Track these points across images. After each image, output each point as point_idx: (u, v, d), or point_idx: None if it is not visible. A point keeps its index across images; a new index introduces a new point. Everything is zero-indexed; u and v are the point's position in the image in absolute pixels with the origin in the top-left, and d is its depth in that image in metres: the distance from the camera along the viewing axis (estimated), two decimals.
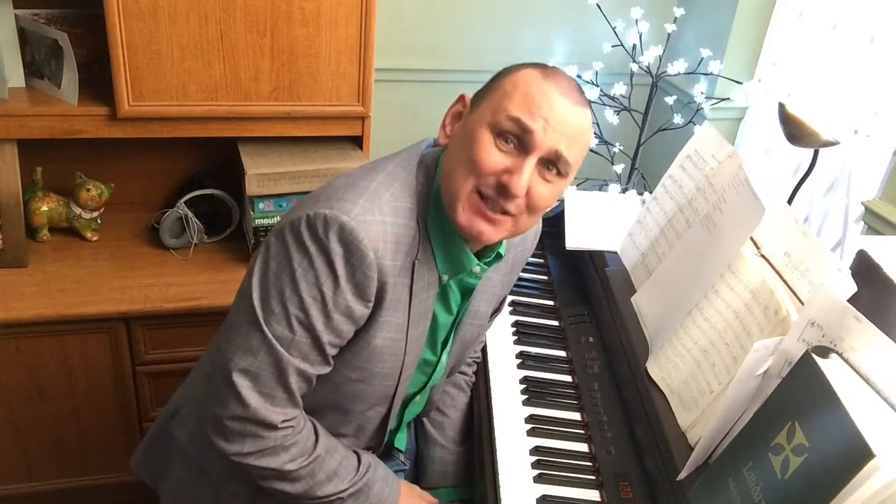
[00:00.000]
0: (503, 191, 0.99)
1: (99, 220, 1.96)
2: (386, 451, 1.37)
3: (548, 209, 1.08)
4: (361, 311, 1.03)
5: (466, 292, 1.19)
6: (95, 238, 1.97)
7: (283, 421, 1.04)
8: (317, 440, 1.11)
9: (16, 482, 1.91)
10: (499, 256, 1.15)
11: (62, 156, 1.93)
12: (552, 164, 1.01)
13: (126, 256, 1.92)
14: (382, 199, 1.03)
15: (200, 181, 2.00)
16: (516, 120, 0.98)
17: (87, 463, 1.94)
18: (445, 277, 1.13)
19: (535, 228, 1.30)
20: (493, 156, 0.99)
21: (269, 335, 1.00)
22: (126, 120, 1.71)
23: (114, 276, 1.84)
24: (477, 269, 1.13)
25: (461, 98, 1.09)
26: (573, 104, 1.01)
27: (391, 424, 1.24)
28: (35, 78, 1.78)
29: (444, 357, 1.24)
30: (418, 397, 1.29)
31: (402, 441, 1.38)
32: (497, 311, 1.34)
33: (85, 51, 1.80)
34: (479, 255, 1.14)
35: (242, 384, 1.01)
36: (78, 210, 1.92)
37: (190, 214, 1.92)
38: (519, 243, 1.27)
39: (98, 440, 1.91)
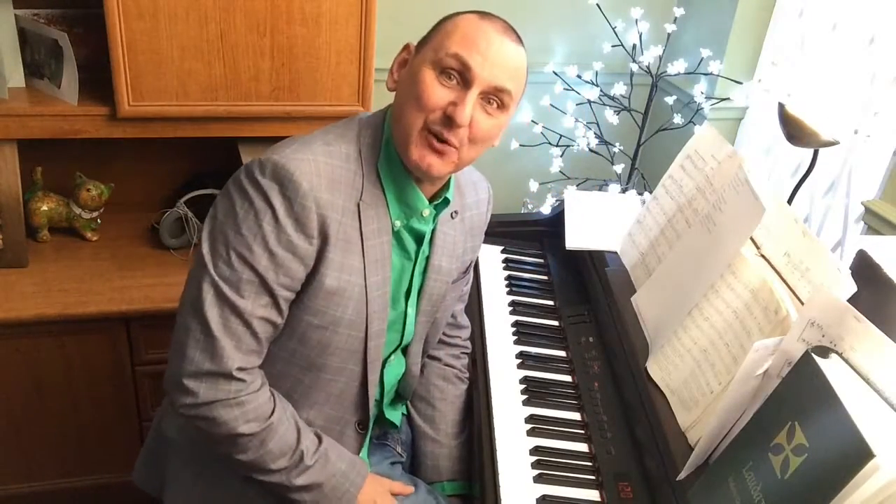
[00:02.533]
0: (449, 122, 1.07)
1: (99, 220, 1.97)
2: (382, 436, 1.38)
3: (489, 143, 1.15)
4: (305, 247, 1.08)
5: (419, 239, 1.23)
6: (95, 238, 1.97)
7: (238, 369, 1.07)
8: (273, 409, 1.12)
9: (16, 482, 1.91)
10: (446, 201, 1.22)
11: (62, 156, 1.93)
12: (493, 97, 1.10)
13: (126, 256, 1.92)
14: (314, 144, 1.11)
15: (200, 181, 2.00)
16: (456, 56, 1.07)
17: (87, 463, 1.94)
18: (398, 223, 1.18)
19: (486, 193, 1.38)
20: (438, 91, 1.08)
21: (217, 277, 1.05)
22: (126, 120, 1.71)
23: (114, 276, 1.84)
24: (427, 211, 1.19)
25: (406, 46, 1.17)
26: (510, 41, 1.11)
27: (373, 391, 1.24)
28: (35, 78, 1.78)
29: (410, 310, 1.26)
30: (393, 357, 1.30)
31: (395, 415, 1.39)
32: (464, 275, 1.39)
33: (85, 51, 1.80)
34: (430, 200, 1.20)
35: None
36: (78, 210, 1.92)
37: (190, 214, 1.92)
38: (473, 206, 1.34)
39: (98, 440, 1.91)
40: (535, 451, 1.23)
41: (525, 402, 1.34)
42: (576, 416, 1.33)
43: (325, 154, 1.10)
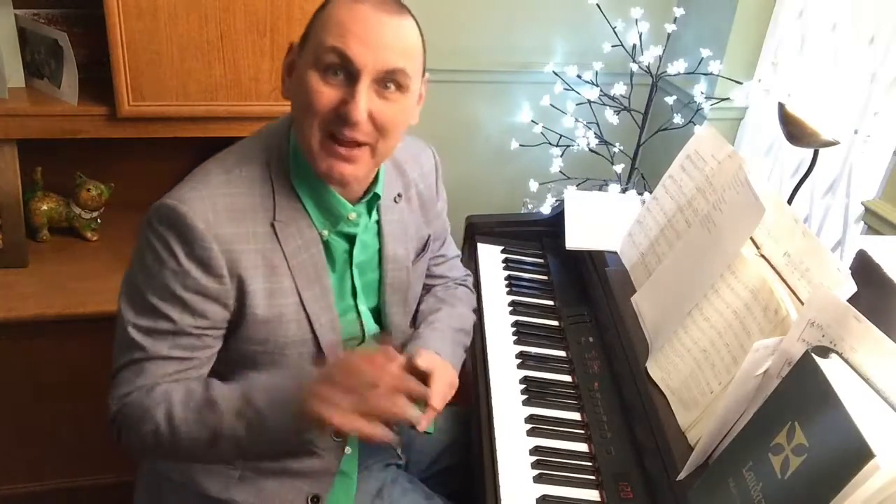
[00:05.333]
0: (344, 120, 0.99)
1: (99, 220, 1.96)
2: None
3: (403, 127, 1.07)
4: (216, 287, 1.04)
5: (350, 240, 1.17)
6: (95, 238, 1.97)
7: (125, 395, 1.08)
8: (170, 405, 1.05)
9: (16, 482, 1.91)
10: (376, 197, 1.15)
11: (62, 156, 1.92)
12: (388, 81, 1.01)
13: (126, 256, 1.88)
14: (210, 176, 1.07)
15: None
16: (333, 49, 0.98)
17: (87, 463, 1.94)
18: (326, 232, 1.12)
19: (430, 161, 1.30)
20: (325, 93, 0.99)
21: (133, 329, 1.05)
22: (126, 120, 1.71)
23: (114, 276, 1.83)
24: (353, 215, 1.13)
25: (290, 47, 1.09)
26: (389, 16, 1.00)
27: None
28: (35, 78, 1.78)
29: (361, 307, 1.22)
30: (360, 348, 1.24)
31: None
32: (424, 252, 1.30)
33: (85, 51, 1.79)
34: (361, 198, 1.14)
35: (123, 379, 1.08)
36: (78, 210, 1.92)
37: None
38: (419, 180, 1.27)
39: (98, 440, 1.91)
40: (535, 451, 1.23)
41: (525, 402, 1.34)
42: (576, 416, 1.33)
43: (223, 185, 1.05)
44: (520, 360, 1.43)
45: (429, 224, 1.31)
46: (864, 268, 1.08)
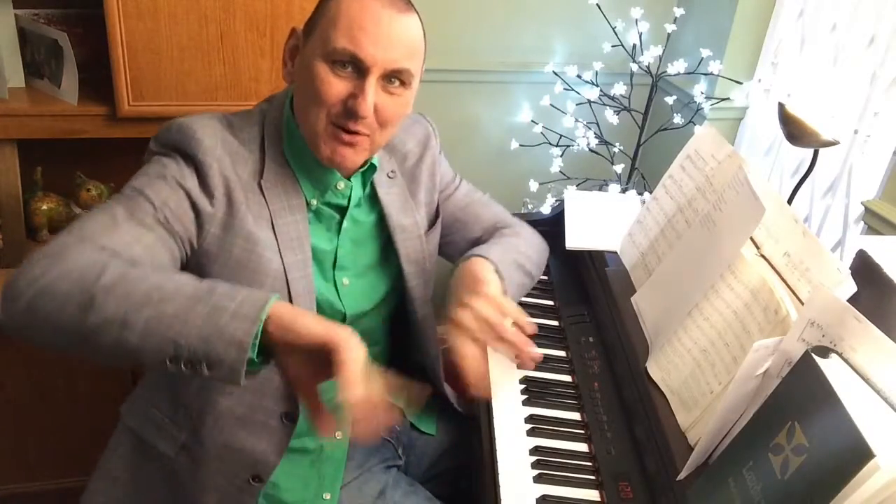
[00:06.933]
0: (351, 114, 1.04)
1: None
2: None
3: (402, 119, 1.12)
4: (204, 203, 1.05)
5: (341, 212, 1.18)
6: None
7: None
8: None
9: (16, 482, 1.91)
10: (373, 168, 1.18)
11: (62, 156, 1.92)
12: (393, 77, 1.06)
13: None
14: (214, 119, 1.11)
15: None
16: (344, 50, 1.02)
17: (87, 463, 1.93)
18: (315, 202, 1.15)
19: (425, 127, 1.33)
20: (334, 85, 1.04)
21: (109, 201, 1.02)
22: (126, 120, 1.71)
23: None
24: (341, 184, 1.15)
25: (293, 32, 1.12)
26: (398, 14, 1.04)
27: None
28: (35, 78, 1.78)
29: (343, 280, 1.20)
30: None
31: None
32: (437, 219, 1.33)
33: (85, 51, 1.79)
34: (356, 171, 1.17)
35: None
36: (78, 210, 1.92)
37: None
38: (417, 148, 1.29)
39: (98, 440, 1.91)
40: (535, 451, 1.23)
41: (525, 402, 1.34)
42: (576, 416, 1.32)
43: (228, 129, 1.10)
44: (519, 360, 1.43)
45: (435, 188, 1.33)
46: (864, 268, 1.08)
